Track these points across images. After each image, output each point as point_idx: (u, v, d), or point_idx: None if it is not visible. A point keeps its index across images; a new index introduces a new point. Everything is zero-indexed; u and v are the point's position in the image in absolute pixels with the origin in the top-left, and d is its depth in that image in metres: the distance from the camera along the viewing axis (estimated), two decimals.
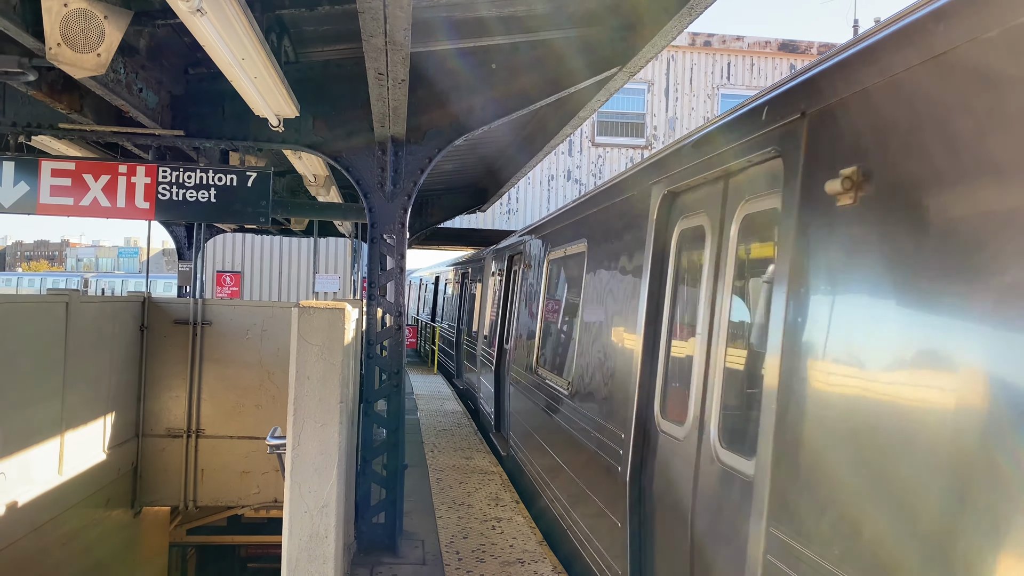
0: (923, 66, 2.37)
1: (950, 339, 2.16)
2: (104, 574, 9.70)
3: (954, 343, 2.14)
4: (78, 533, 8.96)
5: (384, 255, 6.63)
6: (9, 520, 7.45)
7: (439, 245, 30.78)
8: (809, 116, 3.02)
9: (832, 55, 3.05)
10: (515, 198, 20.63)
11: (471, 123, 6.62)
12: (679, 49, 20.97)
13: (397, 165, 6.58)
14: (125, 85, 5.61)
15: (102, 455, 9.71)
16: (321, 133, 6.60)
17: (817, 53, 21.44)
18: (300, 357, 3.96)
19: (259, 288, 23.14)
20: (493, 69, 6.54)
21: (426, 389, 17.21)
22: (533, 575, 6.03)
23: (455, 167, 12.68)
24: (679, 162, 4.47)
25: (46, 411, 8.36)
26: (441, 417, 13.36)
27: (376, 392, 6.59)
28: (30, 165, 6.58)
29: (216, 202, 6.75)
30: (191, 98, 6.65)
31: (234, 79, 5.01)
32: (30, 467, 7.96)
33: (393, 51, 4.26)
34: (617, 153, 20.93)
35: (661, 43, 5.57)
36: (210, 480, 11.24)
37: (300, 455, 3.94)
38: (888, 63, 2.56)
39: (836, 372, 2.62)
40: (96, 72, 4.45)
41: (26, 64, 4.98)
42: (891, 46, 2.57)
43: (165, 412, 11.16)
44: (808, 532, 2.63)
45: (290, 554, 3.93)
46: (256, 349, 11.29)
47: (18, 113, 6.56)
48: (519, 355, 9.34)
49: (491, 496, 8.28)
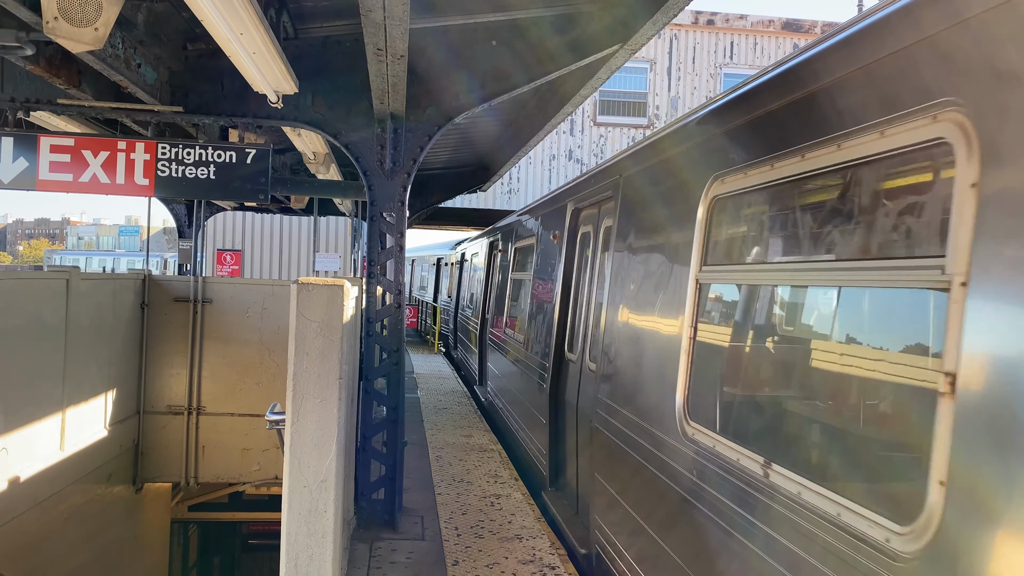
0: (657, 164, 4.95)
1: (643, 299, 4.82)
2: (106, 550, 9.78)
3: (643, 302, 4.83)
4: (80, 509, 9.02)
5: (384, 233, 6.62)
6: (11, 495, 7.50)
7: (440, 225, 30.70)
8: (623, 178, 5.61)
9: (636, 145, 5.59)
10: (516, 178, 20.57)
11: (471, 101, 6.59)
12: (682, 27, 20.82)
13: (396, 142, 6.55)
14: (123, 60, 5.58)
15: (103, 432, 9.76)
16: (320, 110, 6.57)
17: (820, 32, 21.29)
18: (299, 333, 3.96)
19: (259, 267, 23.14)
20: (494, 46, 6.50)
21: (427, 368, 17.25)
22: (531, 550, 6.08)
23: (455, 146, 12.63)
24: (579, 190, 7.04)
25: (47, 387, 8.39)
26: (441, 396, 13.41)
27: (376, 370, 6.61)
28: (29, 141, 6.56)
29: (215, 179, 6.74)
30: (190, 74, 6.61)
31: (232, 54, 4.98)
32: (32, 443, 8.01)
33: (392, 26, 4.23)
34: (619, 133, 20.83)
35: (663, 19, 5.53)
36: (211, 457, 11.30)
37: (299, 431, 3.95)
38: (645, 157, 5.23)
39: (622, 318, 5.19)
40: (94, 46, 4.42)
41: (23, 38, 4.95)
42: (647, 151, 5.19)
43: (166, 389, 11.20)
44: (612, 393, 5.22)
45: (289, 529, 3.95)
46: (256, 327, 11.31)
47: (17, 88, 6.53)
48: (495, 322, 11.76)
49: (490, 473, 8.33)
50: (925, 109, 2.29)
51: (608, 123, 20.83)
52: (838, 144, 2.69)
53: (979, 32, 2.14)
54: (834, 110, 2.78)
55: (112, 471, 10.09)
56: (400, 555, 5.94)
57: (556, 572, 5.70)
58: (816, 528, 2.55)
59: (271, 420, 4.66)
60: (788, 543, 2.73)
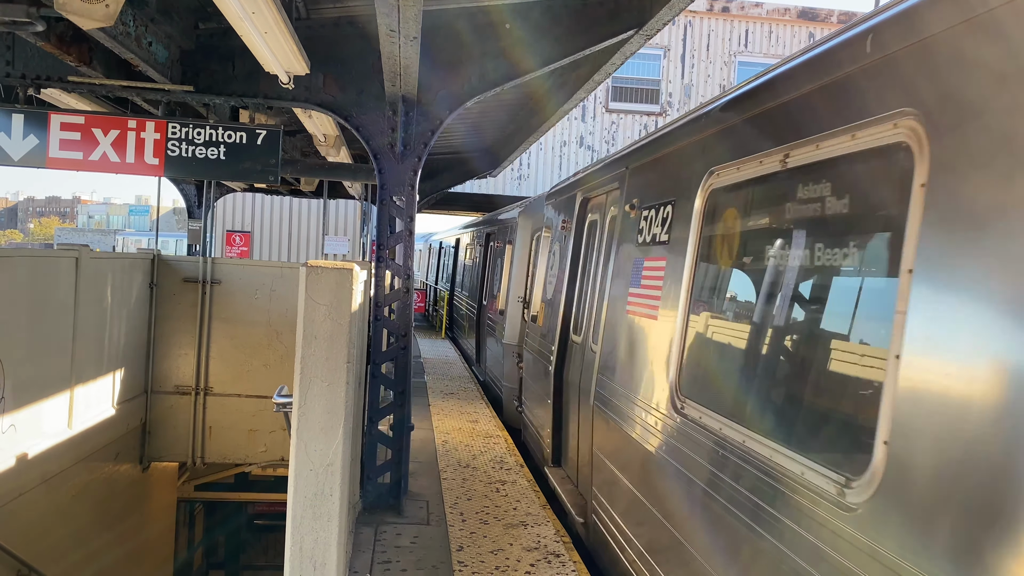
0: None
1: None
2: (113, 527, 9.84)
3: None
4: (87, 486, 9.06)
5: (394, 217, 6.58)
6: (19, 471, 7.53)
7: (449, 210, 30.65)
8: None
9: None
10: (526, 164, 20.47)
11: (484, 85, 6.53)
12: (696, 14, 20.62)
13: (408, 126, 6.50)
14: (134, 38, 5.54)
15: (111, 410, 9.80)
16: (332, 91, 6.52)
17: (837, 22, 21.07)
18: (308, 316, 3.94)
19: (268, 248, 23.16)
20: (508, 29, 6.43)
21: (433, 353, 17.26)
22: (536, 537, 6.07)
23: (466, 130, 12.56)
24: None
25: (56, 365, 8.42)
26: (448, 381, 13.41)
27: (383, 354, 6.60)
28: (39, 118, 6.54)
29: (226, 159, 6.71)
30: (201, 53, 6.57)
31: (244, 33, 4.93)
32: (40, 420, 8.04)
33: (406, 7, 4.17)
34: (631, 120, 20.70)
35: (679, 5, 5.45)
36: (218, 437, 11.33)
37: (306, 414, 3.94)
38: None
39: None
40: (105, 23, 4.38)
41: (34, 14, 4.91)
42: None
43: (174, 369, 11.22)
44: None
45: (295, 511, 3.94)
46: (265, 309, 11.31)
47: (27, 65, 6.50)
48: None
49: (496, 459, 8.33)
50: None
51: (620, 110, 20.69)
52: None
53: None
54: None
55: (119, 450, 10.13)
56: (405, 539, 5.94)
57: (561, 560, 5.69)
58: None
59: (278, 403, 4.64)
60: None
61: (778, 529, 2.97)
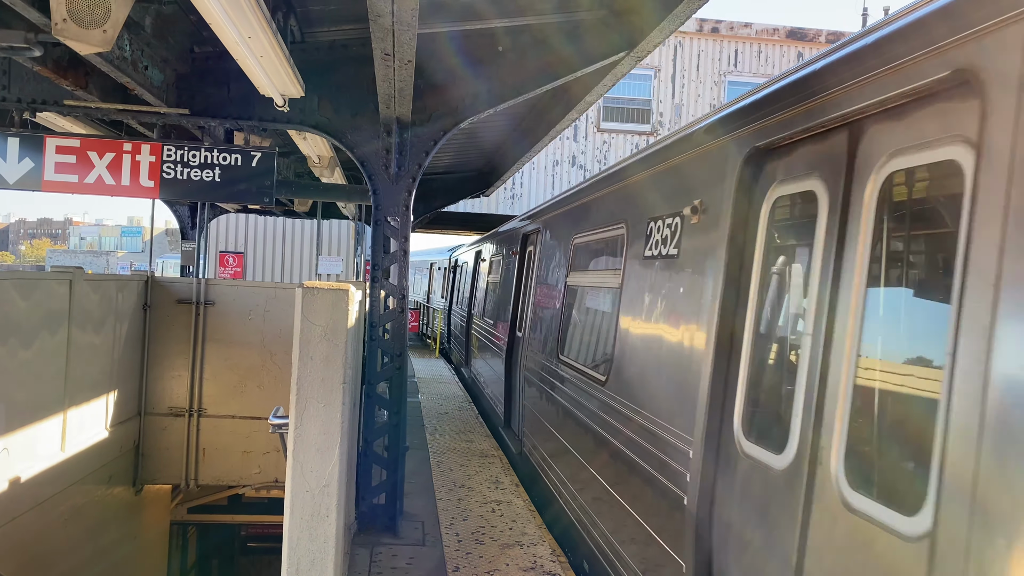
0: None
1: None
2: (105, 550, 9.76)
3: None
4: (80, 509, 9.00)
5: (388, 238, 6.62)
6: (12, 495, 7.49)
7: (443, 229, 30.69)
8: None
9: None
10: (519, 183, 20.57)
11: (477, 106, 6.59)
12: (686, 35, 20.83)
13: (402, 147, 6.55)
14: (131, 62, 5.58)
15: (104, 433, 9.75)
16: (326, 114, 6.58)
17: (826, 42, 21.31)
18: (304, 337, 3.95)
19: (262, 269, 23.13)
20: (500, 51, 6.50)
21: (428, 373, 17.24)
22: (532, 557, 6.06)
23: (459, 150, 12.63)
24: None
25: (49, 388, 8.39)
26: (443, 401, 13.40)
27: (378, 374, 6.61)
28: (35, 142, 6.56)
29: (220, 181, 6.74)
30: (196, 77, 6.62)
31: (240, 58, 4.98)
32: (33, 443, 8.00)
33: (400, 31, 4.23)
34: (622, 139, 20.84)
35: (670, 27, 5.53)
36: (211, 459, 11.28)
37: (302, 435, 3.94)
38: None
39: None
40: (102, 48, 4.43)
41: (32, 39, 4.95)
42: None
43: (167, 391, 11.18)
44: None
45: (291, 533, 3.94)
46: (259, 330, 11.30)
47: (23, 89, 6.54)
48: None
49: (491, 479, 8.32)
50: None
51: (612, 129, 20.83)
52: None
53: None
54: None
55: (112, 472, 10.07)
56: (401, 560, 5.93)
57: None
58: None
59: (274, 424, 4.66)
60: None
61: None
